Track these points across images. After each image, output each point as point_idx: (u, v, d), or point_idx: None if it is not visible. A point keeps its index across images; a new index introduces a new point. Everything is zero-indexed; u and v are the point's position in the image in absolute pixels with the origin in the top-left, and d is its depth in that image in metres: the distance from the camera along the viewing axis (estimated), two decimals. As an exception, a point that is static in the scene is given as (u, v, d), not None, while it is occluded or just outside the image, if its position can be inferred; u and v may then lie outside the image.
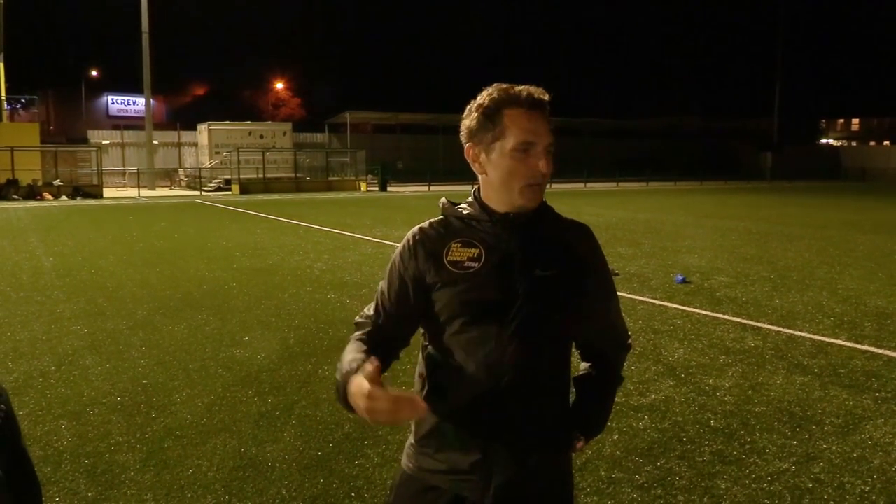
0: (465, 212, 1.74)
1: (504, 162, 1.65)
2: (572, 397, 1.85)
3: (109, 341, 6.58)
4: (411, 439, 1.79)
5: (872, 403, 5.00)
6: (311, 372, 5.71)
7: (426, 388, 1.75)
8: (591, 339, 1.85)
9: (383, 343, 1.76)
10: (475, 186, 1.77)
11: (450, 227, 1.74)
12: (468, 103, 1.74)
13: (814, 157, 61.06)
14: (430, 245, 1.72)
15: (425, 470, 1.74)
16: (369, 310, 1.80)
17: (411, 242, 1.74)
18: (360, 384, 1.50)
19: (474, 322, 1.66)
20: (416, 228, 1.77)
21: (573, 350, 1.84)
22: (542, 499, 1.72)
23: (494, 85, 1.69)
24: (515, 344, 1.64)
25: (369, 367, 1.51)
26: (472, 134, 1.70)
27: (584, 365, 1.89)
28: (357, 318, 1.82)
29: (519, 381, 1.65)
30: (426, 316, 1.73)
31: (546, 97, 1.68)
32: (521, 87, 1.67)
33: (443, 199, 1.80)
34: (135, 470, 3.93)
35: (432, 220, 1.78)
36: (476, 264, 1.67)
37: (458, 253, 1.69)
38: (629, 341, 1.90)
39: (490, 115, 1.66)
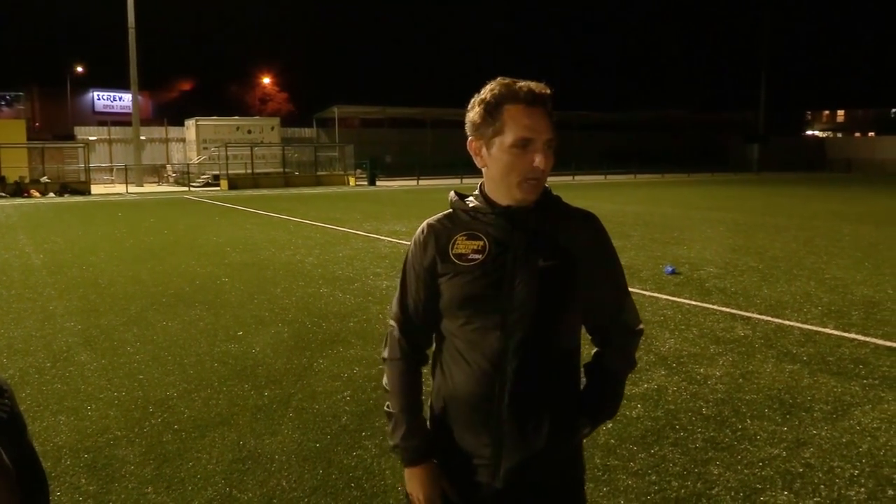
0: (471, 205, 1.78)
1: (503, 157, 1.68)
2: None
3: (103, 337, 6.59)
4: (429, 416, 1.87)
5: (860, 390, 5.09)
6: (307, 365, 5.74)
7: (437, 375, 1.82)
8: (598, 324, 1.86)
9: (415, 342, 1.85)
10: (482, 180, 1.81)
11: (457, 221, 1.79)
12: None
13: (800, 149, 61.47)
14: (437, 238, 1.78)
15: (441, 450, 1.80)
16: (394, 307, 1.87)
17: (421, 237, 1.81)
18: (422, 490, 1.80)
19: (479, 312, 1.71)
20: (424, 223, 1.83)
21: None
22: (551, 483, 1.77)
23: (497, 79, 1.72)
24: (519, 334, 1.69)
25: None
26: (474, 128, 1.73)
27: (594, 351, 1.91)
28: (389, 321, 1.89)
29: (524, 370, 1.69)
30: (440, 308, 1.80)
31: (547, 92, 1.69)
32: (523, 83, 1.69)
33: (451, 193, 1.85)
34: (135, 464, 3.96)
35: (441, 214, 1.83)
36: (480, 256, 1.71)
37: (463, 245, 1.74)
38: (639, 326, 1.88)
39: (491, 111, 1.68)
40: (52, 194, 30.16)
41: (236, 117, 43.36)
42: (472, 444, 1.74)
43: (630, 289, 1.94)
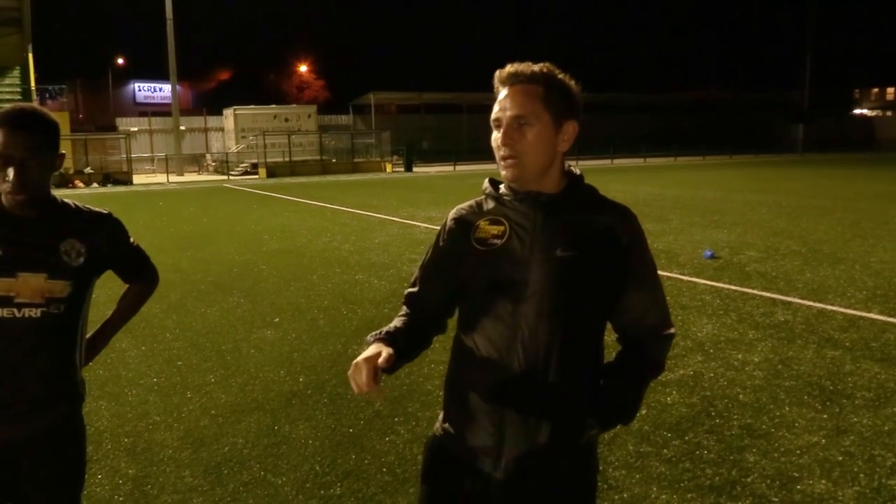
0: (500, 191, 1.77)
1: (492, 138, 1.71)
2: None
3: (144, 324, 6.72)
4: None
5: (905, 376, 4.95)
6: (341, 351, 5.79)
7: (451, 362, 1.82)
8: (625, 325, 1.78)
9: (422, 316, 1.84)
10: None
11: (484, 206, 1.78)
12: (491, 81, 1.78)
13: (847, 129, 59.76)
14: (462, 224, 1.78)
15: (448, 438, 1.80)
16: (413, 278, 1.89)
17: (447, 222, 1.82)
18: (364, 354, 1.62)
19: (492, 300, 1.69)
20: (454, 209, 1.84)
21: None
22: (556, 478, 1.72)
23: None
24: (529, 324, 1.65)
25: (384, 353, 1.61)
26: None
27: (618, 351, 1.83)
28: (405, 291, 1.90)
29: (532, 362, 1.66)
30: (460, 294, 1.78)
31: (527, 70, 1.67)
32: (509, 65, 1.70)
33: (486, 180, 1.83)
34: (173, 448, 4.05)
35: (471, 200, 1.83)
36: (499, 241, 1.69)
37: (484, 231, 1.72)
38: (668, 331, 1.80)
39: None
40: (95, 185, 30.85)
41: (274, 106, 43.74)
42: (478, 432, 1.72)
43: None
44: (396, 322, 1.83)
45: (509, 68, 1.68)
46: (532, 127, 1.65)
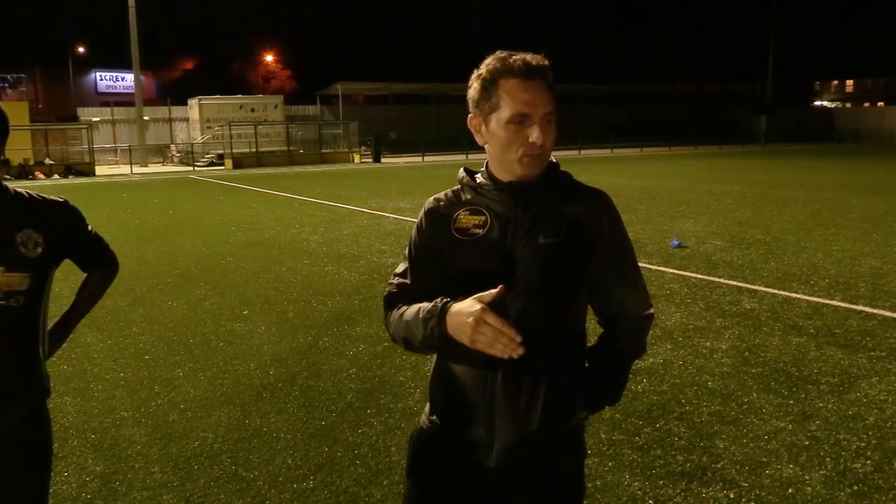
0: (477, 181, 1.75)
1: (501, 133, 1.64)
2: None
3: (109, 318, 6.60)
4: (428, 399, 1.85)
5: (867, 362, 5.07)
6: (312, 344, 5.75)
7: (437, 354, 1.79)
8: (605, 307, 1.79)
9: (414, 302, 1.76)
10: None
11: (462, 197, 1.77)
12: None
13: (808, 120, 60.85)
14: (440, 214, 1.76)
15: (436, 430, 1.79)
16: (396, 280, 1.80)
17: (424, 213, 1.79)
18: (472, 303, 1.56)
19: (476, 289, 1.65)
20: (430, 199, 1.81)
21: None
22: (547, 463, 1.73)
23: (496, 53, 1.67)
24: (515, 312, 1.64)
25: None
26: (473, 104, 1.69)
27: (600, 334, 1.84)
28: (388, 290, 1.81)
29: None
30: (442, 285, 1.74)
31: (545, 63, 1.64)
32: (518, 56, 1.64)
33: (461, 170, 1.80)
34: (141, 444, 3.98)
35: (447, 190, 1.81)
36: (481, 231, 1.68)
37: (465, 220, 1.71)
38: (648, 311, 1.81)
39: (487, 86, 1.65)
40: (56, 176, 30.16)
41: (239, 96, 43.14)
42: (468, 423, 1.72)
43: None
44: (421, 305, 1.70)
45: (532, 59, 1.63)
46: (553, 123, 1.65)
